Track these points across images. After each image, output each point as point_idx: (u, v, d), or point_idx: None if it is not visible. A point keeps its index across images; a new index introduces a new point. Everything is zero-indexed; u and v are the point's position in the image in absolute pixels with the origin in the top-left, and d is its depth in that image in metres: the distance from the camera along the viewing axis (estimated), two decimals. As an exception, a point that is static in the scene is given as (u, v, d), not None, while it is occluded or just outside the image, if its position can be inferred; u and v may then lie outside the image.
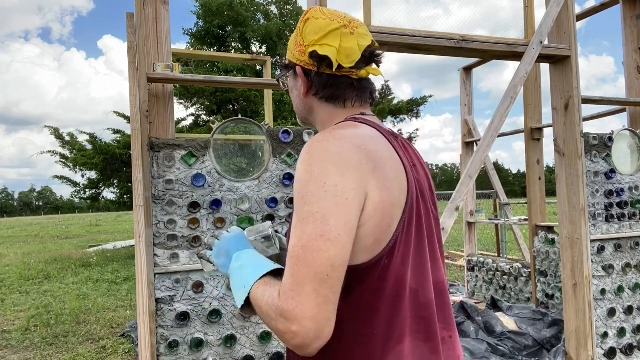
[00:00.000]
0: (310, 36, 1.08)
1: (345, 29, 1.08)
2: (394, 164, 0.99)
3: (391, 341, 0.95)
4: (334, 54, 1.05)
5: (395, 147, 1.03)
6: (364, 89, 1.12)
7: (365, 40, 1.10)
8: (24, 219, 60.77)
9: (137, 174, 2.51)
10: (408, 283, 0.97)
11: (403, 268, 0.96)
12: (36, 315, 6.61)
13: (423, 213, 1.04)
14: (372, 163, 0.94)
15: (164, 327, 2.49)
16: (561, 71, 3.55)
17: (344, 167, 0.91)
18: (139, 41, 2.51)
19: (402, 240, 0.96)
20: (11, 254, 14.75)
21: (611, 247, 3.60)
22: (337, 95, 1.11)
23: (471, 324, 4.39)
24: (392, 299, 0.95)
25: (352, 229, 0.89)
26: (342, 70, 1.08)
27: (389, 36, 3.05)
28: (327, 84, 1.10)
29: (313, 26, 1.09)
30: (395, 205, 0.95)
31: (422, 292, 1.00)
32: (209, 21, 16.41)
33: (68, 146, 13.99)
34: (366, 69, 1.10)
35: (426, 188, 1.09)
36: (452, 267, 9.27)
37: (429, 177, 1.15)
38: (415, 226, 0.99)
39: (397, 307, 0.96)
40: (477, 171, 3.28)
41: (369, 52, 1.11)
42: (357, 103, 1.12)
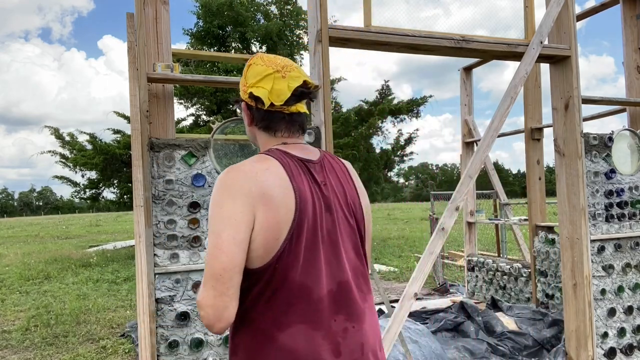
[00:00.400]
0: (250, 79, 1.36)
1: (278, 73, 1.34)
2: (283, 190, 1.23)
3: (283, 326, 1.21)
4: (265, 94, 1.32)
5: (292, 174, 1.27)
6: (293, 121, 1.38)
7: (296, 81, 1.35)
8: (24, 219, 60.77)
9: (137, 174, 2.52)
10: (298, 283, 1.22)
11: (292, 271, 1.22)
12: (36, 315, 6.61)
13: (325, 225, 1.29)
14: (261, 191, 1.21)
15: (164, 327, 2.49)
16: (561, 71, 3.55)
17: (236, 195, 1.20)
18: (139, 41, 2.51)
19: (290, 250, 1.22)
20: (11, 254, 14.75)
21: (611, 247, 3.60)
22: (271, 127, 1.38)
23: (471, 324, 4.39)
24: (284, 295, 1.22)
25: (240, 242, 1.17)
26: (274, 107, 1.33)
27: (389, 36, 3.05)
28: (264, 117, 1.37)
29: (252, 71, 1.36)
30: (282, 222, 1.21)
31: (315, 290, 1.24)
32: (209, 21, 16.40)
33: (68, 146, 14.00)
34: (296, 105, 1.36)
35: (336, 202, 1.34)
36: (452, 267, 9.27)
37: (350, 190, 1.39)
38: (307, 238, 1.24)
39: (288, 301, 1.22)
40: (477, 171, 3.28)
41: (299, 91, 1.35)
42: (285, 133, 1.38)
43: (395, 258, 11.27)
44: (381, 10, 3.07)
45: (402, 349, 3.53)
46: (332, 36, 2.91)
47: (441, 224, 3.07)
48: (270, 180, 1.24)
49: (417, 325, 4.18)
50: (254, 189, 1.21)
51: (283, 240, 1.21)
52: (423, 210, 33.43)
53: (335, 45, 3.01)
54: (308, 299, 1.23)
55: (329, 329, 1.25)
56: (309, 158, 1.37)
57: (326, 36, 2.87)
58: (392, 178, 19.50)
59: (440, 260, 8.07)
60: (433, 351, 3.79)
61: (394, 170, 17.63)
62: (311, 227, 1.25)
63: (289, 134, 1.39)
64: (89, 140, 13.49)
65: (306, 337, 1.22)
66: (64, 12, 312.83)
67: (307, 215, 1.25)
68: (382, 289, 3.55)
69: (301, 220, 1.24)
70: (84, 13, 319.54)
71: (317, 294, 1.24)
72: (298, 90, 1.35)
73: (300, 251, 1.23)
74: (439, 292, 7.29)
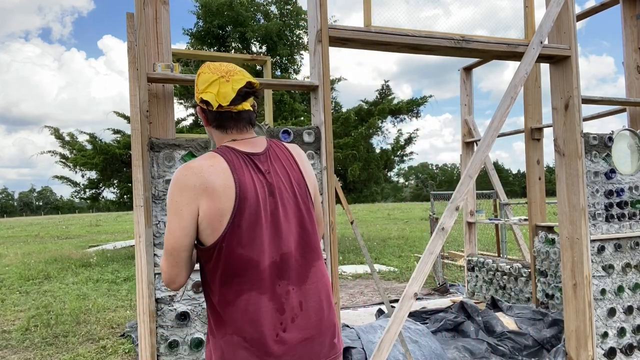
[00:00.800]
0: (200, 86, 1.60)
1: (222, 78, 1.57)
2: (225, 182, 1.49)
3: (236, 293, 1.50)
4: (213, 98, 1.56)
5: (235, 168, 1.52)
6: (241, 118, 1.62)
7: (239, 83, 1.57)
8: (24, 219, 60.76)
9: (137, 174, 2.52)
10: (244, 256, 1.49)
11: (238, 247, 1.49)
12: (36, 315, 6.61)
13: (269, 207, 1.54)
14: (204, 185, 1.47)
15: (164, 327, 2.49)
16: (561, 71, 3.55)
17: (183, 189, 1.48)
18: (139, 41, 2.51)
19: (233, 230, 1.48)
20: (11, 254, 14.75)
21: (611, 247, 3.60)
22: (222, 125, 1.62)
23: (471, 324, 4.39)
24: (233, 267, 1.49)
25: (184, 228, 1.47)
26: (223, 108, 1.56)
27: (389, 36, 3.05)
28: (216, 118, 1.61)
29: (201, 79, 1.60)
30: (223, 209, 1.47)
31: (259, 261, 1.50)
32: (209, 21, 16.40)
33: (68, 146, 13.99)
34: (242, 104, 1.59)
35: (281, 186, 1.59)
36: (452, 267, 9.27)
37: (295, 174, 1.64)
38: (249, 220, 1.50)
39: (238, 272, 1.50)
40: (477, 171, 3.28)
41: (243, 92, 1.58)
42: (235, 130, 1.63)
43: (395, 258, 11.27)
44: (381, 10, 3.07)
45: (402, 349, 3.53)
46: (332, 36, 2.91)
47: (441, 224, 3.07)
48: (214, 175, 1.49)
49: (417, 325, 4.18)
50: (198, 184, 1.47)
51: (226, 223, 1.48)
52: (423, 210, 33.43)
53: (335, 45, 3.01)
54: (254, 269, 1.50)
55: (274, 292, 1.52)
56: (254, 151, 1.61)
57: (326, 36, 2.87)
58: (392, 178, 19.49)
59: (440, 260, 8.07)
60: (433, 351, 3.79)
61: (394, 170, 17.58)
62: (253, 211, 1.51)
63: (238, 130, 1.63)
64: (89, 140, 13.49)
65: (255, 300, 1.50)
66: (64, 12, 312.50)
67: (248, 201, 1.50)
68: (382, 289, 3.54)
69: (242, 206, 1.49)
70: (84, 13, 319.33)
71: (262, 264, 1.51)
72: (242, 91, 1.58)
73: (243, 231, 1.49)
74: (439, 292, 7.29)
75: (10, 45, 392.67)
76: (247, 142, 1.63)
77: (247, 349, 1.49)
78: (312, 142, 2.87)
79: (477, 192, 7.44)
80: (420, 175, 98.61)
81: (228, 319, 1.51)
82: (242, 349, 1.49)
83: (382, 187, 18.25)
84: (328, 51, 2.88)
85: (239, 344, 1.50)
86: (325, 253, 2.84)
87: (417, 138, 15.67)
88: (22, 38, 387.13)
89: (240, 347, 1.50)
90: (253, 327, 1.49)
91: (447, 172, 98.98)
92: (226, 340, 1.51)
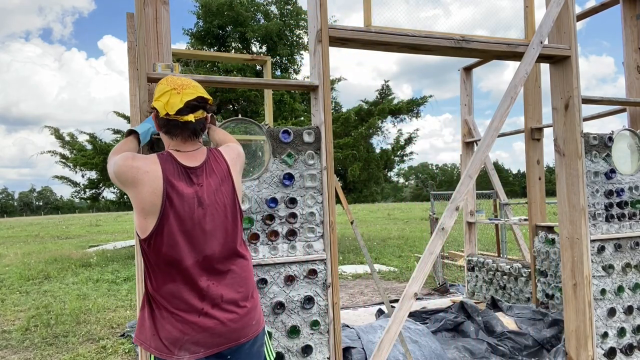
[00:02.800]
0: (155, 94, 1.84)
1: (174, 90, 1.79)
2: (154, 185, 1.70)
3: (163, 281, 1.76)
4: (161, 106, 1.78)
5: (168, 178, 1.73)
6: (186, 128, 1.81)
7: (189, 96, 1.79)
8: (24, 219, 60.73)
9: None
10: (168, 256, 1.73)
11: (162, 248, 1.72)
12: (36, 315, 6.61)
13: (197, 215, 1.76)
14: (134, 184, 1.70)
15: (164, 327, 2.49)
16: (561, 71, 3.55)
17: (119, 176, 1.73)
18: (139, 41, 2.51)
19: (158, 233, 1.71)
20: (11, 254, 14.75)
21: (611, 247, 3.60)
22: (169, 131, 1.83)
23: (471, 324, 4.39)
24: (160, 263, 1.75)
25: None
26: (170, 116, 1.78)
27: (389, 36, 3.05)
28: (164, 124, 1.82)
29: (157, 89, 1.85)
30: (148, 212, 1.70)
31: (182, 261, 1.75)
32: (209, 21, 16.39)
33: (68, 146, 13.99)
34: (188, 115, 1.78)
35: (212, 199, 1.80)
36: (452, 267, 9.27)
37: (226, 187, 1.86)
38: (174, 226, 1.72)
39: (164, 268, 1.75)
40: (477, 171, 3.28)
41: (191, 104, 1.79)
42: (179, 138, 1.83)
43: (395, 258, 11.27)
44: (381, 10, 3.07)
45: (402, 349, 3.53)
46: (332, 36, 2.91)
47: (441, 224, 3.07)
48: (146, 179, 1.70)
49: (417, 325, 4.18)
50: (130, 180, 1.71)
51: (153, 224, 1.71)
52: (423, 210, 33.43)
53: (335, 45, 3.01)
54: (178, 267, 1.75)
55: (195, 285, 1.77)
56: (191, 165, 1.82)
57: (326, 36, 2.87)
58: (392, 178, 19.45)
59: (440, 260, 8.07)
60: (433, 351, 3.79)
61: (394, 170, 17.55)
62: (181, 218, 1.73)
63: (182, 138, 1.83)
64: (88, 140, 13.49)
65: (178, 290, 1.76)
66: (65, 13, 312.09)
67: (175, 209, 1.72)
68: (382, 289, 3.54)
69: (166, 214, 1.71)
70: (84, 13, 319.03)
71: (184, 263, 1.75)
72: (190, 104, 1.79)
73: (165, 235, 1.71)
74: (439, 292, 7.29)
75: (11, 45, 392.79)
76: (188, 155, 1.84)
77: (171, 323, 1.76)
78: (312, 142, 2.87)
79: (477, 192, 7.44)
80: (420, 175, 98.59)
81: (157, 298, 1.78)
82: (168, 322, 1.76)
83: (382, 187, 18.23)
84: (328, 51, 2.88)
85: (165, 318, 1.77)
86: (325, 253, 2.84)
87: (417, 138, 15.67)
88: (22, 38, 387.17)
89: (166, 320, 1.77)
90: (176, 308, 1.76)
91: (447, 172, 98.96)
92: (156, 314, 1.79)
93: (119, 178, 1.73)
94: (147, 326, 1.78)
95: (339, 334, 2.83)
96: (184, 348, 1.74)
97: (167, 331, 1.75)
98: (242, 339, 1.86)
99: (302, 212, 2.82)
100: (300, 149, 2.84)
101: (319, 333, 2.81)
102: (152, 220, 1.70)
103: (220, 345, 1.80)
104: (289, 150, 2.81)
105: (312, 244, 2.83)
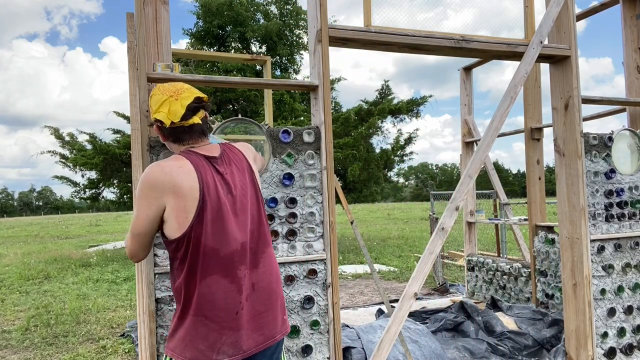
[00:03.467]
0: (153, 107, 1.81)
1: (172, 97, 1.78)
2: (191, 182, 1.69)
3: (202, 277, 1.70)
4: (165, 117, 1.77)
5: (198, 168, 1.72)
6: (194, 131, 1.82)
7: (188, 100, 1.78)
8: (24, 219, 60.73)
9: (137, 174, 2.51)
10: (208, 246, 1.70)
11: (203, 238, 1.69)
12: (36, 315, 6.61)
13: (228, 203, 1.75)
14: (171, 183, 1.67)
15: (164, 327, 2.49)
16: (561, 71, 3.55)
17: (153, 185, 1.67)
18: (139, 41, 2.51)
19: (198, 224, 1.68)
20: (11, 254, 14.75)
21: (611, 247, 3.60)
22: (179, 138, 1.83)
23: (471, 324, 4.39)
24: (199, 255, 1.69)
25: (151, 218, 1.70)
26: (175, 124, 1.77)
27: (389, 36, 3.05)
28: (171, 133, 1.82)
29: (153, 100, 1.81)
30: (188, 206, 1.67)
31: (222, 250, 1.72)
32: (208, 21, 16.39)
33: (68, 146, 13.99)
34: (192, 118, 1.79)
35: (237, 185, 1.80)
36: (452, 267, 9.27)
37: (249, 174, 1.88)
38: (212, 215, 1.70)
39: (203, 259, 1.70)
40: (477, 171, 3.28)
41: (192, 107, 1.79)
42: (190, 141, 1.83)
43: (395, 258, 11.27)
44: (381, 10, 3.07)
45: (402, 349, 3.53)
46: (332, 36, 2.91)
47: (441, 223, 3.07)
48: (182, 175, 1.69)
49: (417, 325, 4.18)
50: (167, 183, 1.67)
51: (192, 218, 1.67)
52: (423, 210, 33.43)
53: (335, 45, 3.01)
54: (217, 257, 1.71)
55: (235, 276, 1.73)
56: (212, 155, 1.82)
57: (326, 36, 2.87)
58: (392, 178, 19.44)
59: (440, 260, 8.07)
60: (433, 351, 3.79)
61: (393, 170, 17.55)
62: (215, 206, 1.71)
63: (193, 140, 1.84)
64: (88, 140, 13.48)
65: (218, 283, 1.71)
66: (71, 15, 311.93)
67: (211, 199, 1.71)
68: (382, 288, 3.55)
69: (205, 202, 1.69)
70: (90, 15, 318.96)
71: (224, 252, 1.72)
72: (191, 106, 1.79)
73: (208, 224, 1.69)
74: (439, 292, 7.29)
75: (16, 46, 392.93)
76: (204, 148, 1.84)
77: (207, 325, 1.69)
78: (312, 142, 2.87)
79: (477, 192, 7.43)
80: (420, 175, 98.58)
81: (192, 301, 1.70)
82: (203, 326, 1.69)
83: (382, 187, 18.24)
84: (328, 51, 2.88)
85: (200, 322, 1.69)
86: (325, 253, 2.84)
87: (417, 138, 15.67)
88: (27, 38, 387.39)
89: (201, 324, 1.69)
90: (215, 306, 1.70)
91: (447, 172, 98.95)
92: (190, 321, 1.71)
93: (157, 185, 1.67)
94: (180, 336, 1.71)
95: (338, 333, 2.83)
96: (221, 351, 1.69)
97: (203, 335, 1.68)
98: (278, 336, 1.83)
99: (302, 212, 2.82)
100: (300, 148, 2.84)
101: (318, 333, 2.81)
102: (191, 215, 1.67)
103: (258, 344, 1.76)
104: (288, 150, 2.81)
105: (312, 243, 2.83)
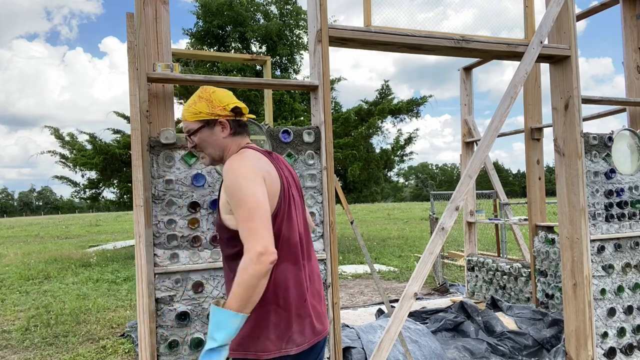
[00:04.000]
0: (224, 100, 1.79)
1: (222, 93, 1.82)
2: (273, 171, 1.74)
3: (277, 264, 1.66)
4: (242, 106, 1.82)
5: (271, 161, 1.78)
6: (245, 125, 1.88)
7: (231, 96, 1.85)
8: (24, 219, 60.75)
9: (137, 174, 2.52)
10: (284, 234, 1.73)
11: (281, 225, 1.73)
12: (36, 315, 6.61)
13: (291, 196, 1.80)
14: (264, 168, 1.70)
15: (164, 327, 2.49)
16: (561, 71, 3.55)
17: (253, 168, 1.66)
18: (139, 41, 2.51)
19: (279, 210, 1.72)
20: (11, 254, 14.75)
21: (611, 247, 3.60)
22: (238, 132, 1.84)
23: (471, 324, 4.39)
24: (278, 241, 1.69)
25: (264, 193, 1.62)
26: (242, 116, 1.84)
27: (389, 36, 3.05)
28: (237, 125, 1.84)
29: (219, 96, 1.80)
30: (274, 193, 1.70)
31: (291, 238, 1.76)
32: (208, 21, 16.39)
33: (68, 146, 13.98)
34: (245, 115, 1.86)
35: (291, 183, 1.85)
36: (452, 267, 9.27)
37: (294, 176, 1.95)
38: (286, 203, 1.75)
39: (280, 246, 1.70)
40: (477, 171, 3.28)
41: None
42: (245, 134, 1.87)
43: (395, 258, 11.27)
44: (381, 10, 3.07)
45: (402, 349, 3.53)
46: (332, 36, 2.91)
47: (441, 223, 3.07)
48: (263, 163, 1.73)
49: (417, 325, 4.18)
50: (262, 166, 1.70)
51: (275, 205, 1.71)
52: (423, 210, 33.43)
53: (335, 45, 3.01)
54: (288, 244, 1.75)
55: (301, 265, 1.79)
56: (269, 151, 1.89)
57: (326, 36, 2.87)
58: (392, 178, 19.43)
59: (440, 260, 8.07)
60: (433, 351, 3.79)
61: (393, 170, 17.53)
62: (287, 196, 1.78)
63: (246, 134, 1.87)
64: (88, 140, 13.47)
65: (290, 270, 1.74)
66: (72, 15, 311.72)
67: (284, 188, 1.77)
68: (382, 289, 3.54)
69: (284, 190, 1.76)
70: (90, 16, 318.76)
71: (293, 241, 1.77)
72: None
73: (285, 212, 1.75)
74: (439, 292, 7.29)
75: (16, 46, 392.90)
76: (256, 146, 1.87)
77: (279, 314, 1.69)
78: (312, 142, 2.87)
79: (477, 192, 7.44)
80: (420, 175, 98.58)
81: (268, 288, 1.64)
82: (276, 315, 1.69)
83: (382, 187, 18.22)
84: (328, 51, 2.88)
85: (273, 311, 1.69)
86: (325, 252, 2.84)
87: (417, 138, 15.66)
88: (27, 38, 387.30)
89: (274, 313, 1.69)
90: (289, 293, 1.71)
91: (447, 172, 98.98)
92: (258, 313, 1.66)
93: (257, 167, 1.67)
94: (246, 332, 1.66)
95: (339, 334, 2.83)
96: (291, 340, 1.69)
97: (275, 323, 1.67)
98: (327, 329, 1.86)
99: (302, 212, 2.82)
100: (300, 148, 2.84)
101: (319, 333, 2.80)
102: (276, 197, 1.71)
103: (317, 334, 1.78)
104: (288, 150, 2.81)
105: (312, 243, 2.83)
